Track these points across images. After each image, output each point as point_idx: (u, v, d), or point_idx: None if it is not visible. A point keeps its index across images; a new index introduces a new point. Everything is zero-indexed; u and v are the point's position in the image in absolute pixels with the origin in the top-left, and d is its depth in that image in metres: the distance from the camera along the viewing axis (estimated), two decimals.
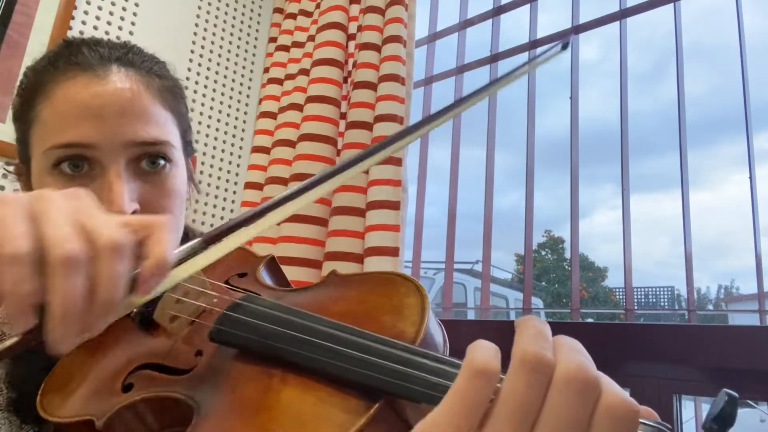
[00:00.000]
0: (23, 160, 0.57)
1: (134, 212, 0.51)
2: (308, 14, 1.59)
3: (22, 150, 0.56)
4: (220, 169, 1.57)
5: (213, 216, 1.54)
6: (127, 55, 0.56)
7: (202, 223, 1.50)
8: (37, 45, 1.21)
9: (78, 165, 0.51)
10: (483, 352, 0.28)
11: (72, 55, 0.54)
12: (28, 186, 0.57)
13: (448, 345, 0.45)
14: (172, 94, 0.59)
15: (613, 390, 0.27)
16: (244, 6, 1.69)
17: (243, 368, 0.41)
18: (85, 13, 1.32)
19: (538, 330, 0.29)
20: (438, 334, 0.43)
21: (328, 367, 0.37)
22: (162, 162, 0.54)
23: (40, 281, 0.30)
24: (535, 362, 0.27)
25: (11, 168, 0.61)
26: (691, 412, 1.28)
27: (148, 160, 0.54)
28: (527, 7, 1.48)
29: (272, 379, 0.39)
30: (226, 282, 0.54)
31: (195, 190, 0.67)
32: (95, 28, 1.33)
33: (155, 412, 0.43)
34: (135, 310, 0.50)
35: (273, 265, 0.57)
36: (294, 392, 0.38)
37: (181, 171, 0.58)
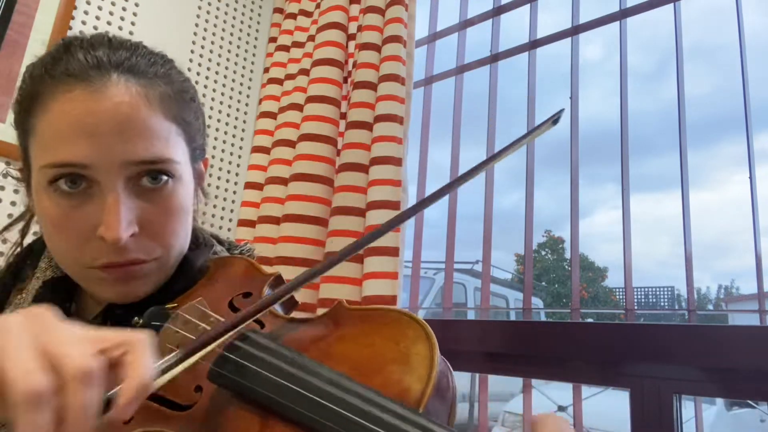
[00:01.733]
0: (25, 165, 0.55)
1: (133, 235, 0.49)
2: (308, 14, 1.59)
3: (23, 155, 0.55)
4: (220, 169, 1.57)
5: (213, 216, 1.54)
6: (130, 60, 0.51)
7: (203, 223, 1.49)
8: (37, 45, 1.21)
9: (75, 182, 0.49)
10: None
11: (69, 62, 0.50)
12: (30, 191, 0.55)
13: (456, 391, 0.43)
14: (177, 101, 0.54)
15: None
16: (244, 6, 1.69)
17: (240, 414, 0.41)
18: (85, 13, 1.32)
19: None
20: (444, 378, 0.41)
21: (326, 429, 0.36)
22: (164, 178, 0.51)
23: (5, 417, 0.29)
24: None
25: (15, 172, 0.59)
26: (691, 412, 1.28)
27: (149, 176, 0.51)
28: (527, 6, 1.48)
29: (267, 430, 0.39)
30: (230, 302, 0.53)
31: (203, 198, 0.64)
32: (95, 28, 1.33)
33: None
34: None
35: (279, 284, 0.55)
36: None
37: (185, 185, 0.54)
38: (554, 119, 0.54)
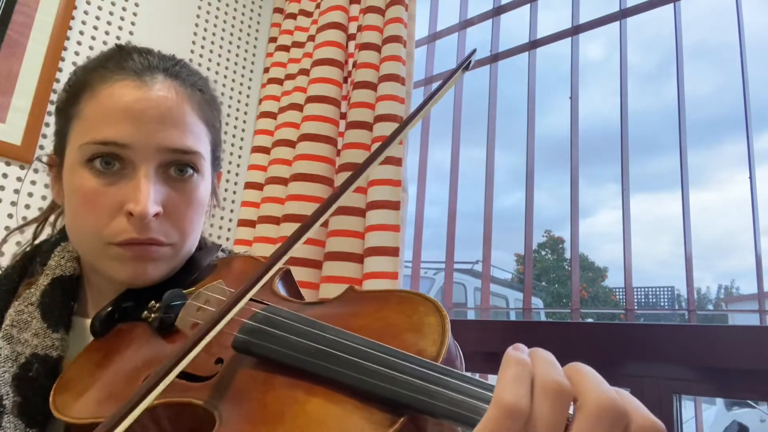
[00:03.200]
0: (57, 152, 0.58)
1: (156, 215, 0.52)
2: (308, 14, 1.59)
3: (58, 142, 0.58)
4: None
5: (213, 216, 1.53)
6: (175, 67, 0.58)
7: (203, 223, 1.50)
8: (37, 45, 1.21)
9: (110, 162, 0.53)
10: (514, 388, 0.29)
11: (123, 60, 0.56)
12: (58, 177, 0.58)
13: (464, 364, 0.45)
14: (210, 109, 0.61)
15: (642, 414, 0.28)
16: (244, 6, 1.69)
17: (265, 378, 0.41)
18: (85, 13, 1.32)
19: (550, 360, 0.30)
20: (455, 353, 0.43)
21: (353, 381, 0.37)
22: (190, 171, 0.56)
23: None
24: (558, 391, 0.28)
25: (44, 158, 0.63)
26: (691, 412, 1.28)
27: (177, 167, 0.55)
28: (527, 6, 1.48)
29: (296, 390, 0.39)
30: None
31: (216, 205, 0.70)
32: (95, 28, 1.33)
33: (173, 417, 0.43)
34: (154, 315, 0.51)
35: (288, 277, 0.57)
36: (319, 404, 0.38)
37: (206, 182, 0.59)
38: (466, 64, 0.55)
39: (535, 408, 0.28)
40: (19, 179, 1.18)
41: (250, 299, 0.48)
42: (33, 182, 1.20)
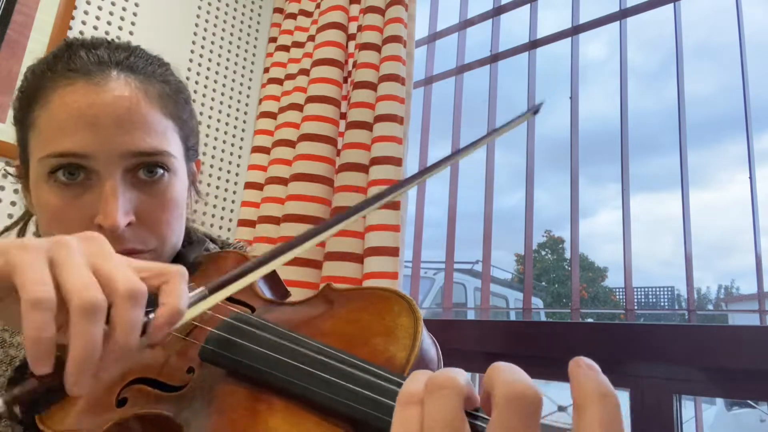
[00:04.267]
0: (23, 162, 0.56)
1: (129, 224, 0.50)
2: (308, 14, 1.59)
3: (22, 152, 0.56)
4: (220, 169, 1.57)
5: (213, 216, 1.54)
6: (129, 59, 0.54)
7: (203, 223, 1.49)
8: (37, 45, 1.21)
9: (73, 173, 0.50)
10: (410, 382, 0.29)
11: (70, 59, 0.52)
12: (27, 187, 0.56)
13: (441, 360, 0.45)
14: (174, 100, 0.57)
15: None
16: (244, 6, 1.69)
17: (232, 390, 0.41)
18: (85, 13, 1.32)
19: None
20: (431, 350, 0.43)
21: (317, 397, 0.37)
22: (160, 171, 0.53)
23: (61, 326, 0.30)
24: (442, 383, 0.27)
25: (12, 170, 0.61)
26: (691, 412, 1.28)
27: (146, 169, 0.52)
28: (527, 6, 1.48)
29: (260, 404, 0.39)
30: None
31: (197, 197, 0.65)
32: (95, 28, 1.33)
33: (146, 429, 0.43)
34: None
35: (270, 273, 0.56)
36: (280, 420, 0.38)
37: (180, 180, 0.56)
38: (535, 110, 0.56)
39: (425, 405, 0.27)
40: (16, 176, 1.18)
41: (224, 301, 0.48)
42: None
